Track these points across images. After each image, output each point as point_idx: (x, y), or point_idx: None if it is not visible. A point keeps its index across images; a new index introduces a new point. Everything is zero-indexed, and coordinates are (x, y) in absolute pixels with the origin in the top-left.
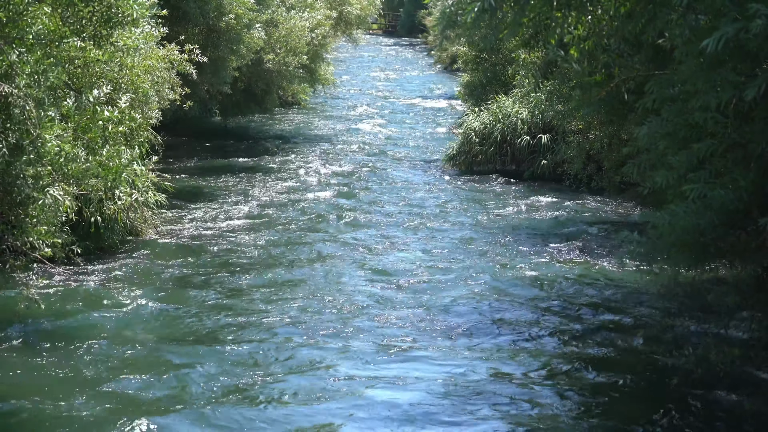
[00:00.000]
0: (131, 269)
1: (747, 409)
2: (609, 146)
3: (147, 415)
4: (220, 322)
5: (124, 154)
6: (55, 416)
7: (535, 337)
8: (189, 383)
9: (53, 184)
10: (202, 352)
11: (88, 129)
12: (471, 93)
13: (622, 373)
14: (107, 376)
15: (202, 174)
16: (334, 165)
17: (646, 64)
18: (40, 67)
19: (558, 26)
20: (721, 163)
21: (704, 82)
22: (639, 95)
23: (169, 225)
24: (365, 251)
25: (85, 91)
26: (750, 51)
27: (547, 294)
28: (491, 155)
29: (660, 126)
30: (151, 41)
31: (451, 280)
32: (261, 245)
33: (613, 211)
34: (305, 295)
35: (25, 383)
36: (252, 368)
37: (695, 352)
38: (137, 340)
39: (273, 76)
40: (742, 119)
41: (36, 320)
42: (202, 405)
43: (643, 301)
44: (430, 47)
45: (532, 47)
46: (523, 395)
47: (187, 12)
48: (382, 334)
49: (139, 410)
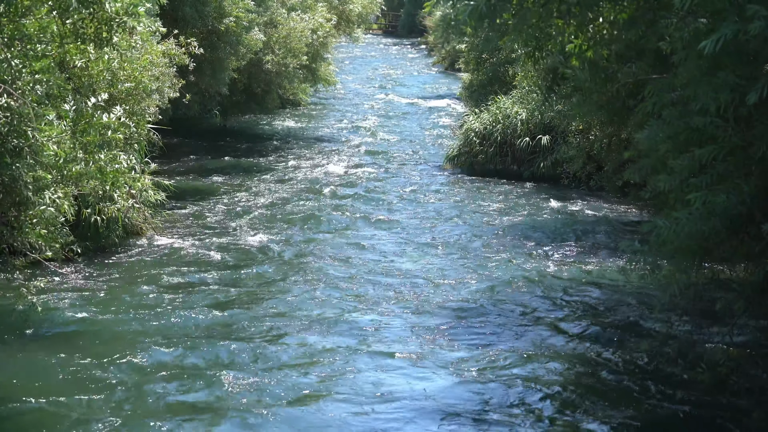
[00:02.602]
0: (131, 269)
1: (752, 413)
2: (609, 147)
3: (147, 415)
4: (220, 321)
5: (123, 159)
6: (54, 416)
7: (534, 338)
8: (189, 383)
9: (52, 186)
10: (202, 351)
11: (86, 132)
12: (471, 93)
13: (623, 375)
14: (107, 375)
15: (202, 174)
16: (334, 165)
17: (647, 68)
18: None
19: (559, 35)
20: (723, 167)
21: (704, 85)
22: (640, 99)
23: (169, 225)
24: (365, 251)
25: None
26: (749, 53)
27: (547, 295)
28: (492, 156)
29: (660, 129)
30: (149, 38)
31: (452, 280)
32: (261, 244)
33: (613, 211)
34: (305, 295)
35: (25, 383)
36: (252, 367)
37: (699, 355)
38: (137, 340)
39: (273, 76)
40: (742, 123)
41: (35, 320)
42: (202, 405)
43: (645, 304)
44: (430, 47)
45: (536, 60)
46: (523, 395)
47: (185, 15)
48: (383, 333)
49: (139, 410)
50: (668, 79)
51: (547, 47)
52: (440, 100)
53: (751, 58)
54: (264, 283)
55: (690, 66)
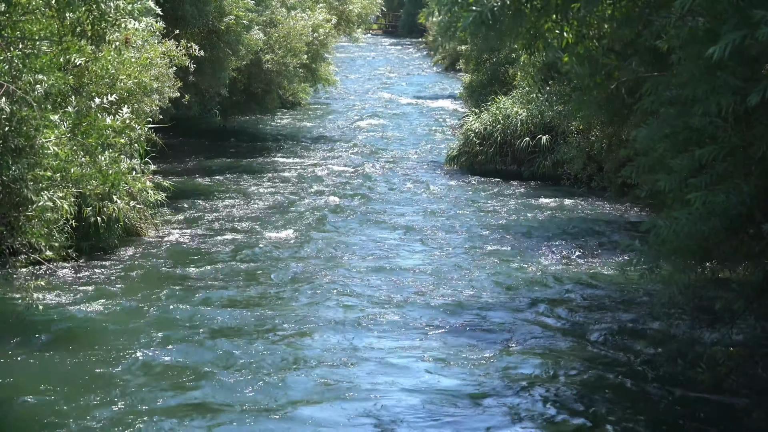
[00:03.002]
0: (131, 269)
1: (752, 413)
2: (609, 147)
3: (147, 415)
4: (220, 320)
5: (123, 162)
6: (54, 415)
7: (534, 338)
8: (189, 382)
9: (52, 187)
10: (202, 351)
11: (88, 134)
12: (471, 94)
13: (623, 375)
14: (106, 375)
15: (202, 174)
16: (335, 165)
17: (644, 66)
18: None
19: (550, 35)
20: (723, 166)
21: (703, 85)
22: (638, 97)
23: (169, 225)
24: (365, 250)
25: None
26: (750, 55)
27: (547, 295)
28: (492, 156)
29: (659, 128)
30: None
31: (452, 280)
32: (261, 244)
33: (613, 211)
34: (306, 294)
35: (25, 383)
36: (253, 367)
37: (699, 355)
38: (137, 340)
39: (273, 76)
40: (742, 123)
41: (35, 320)
42: (202, 404)
43: (645, 304)
44: (430, 47)
45: (532, 52)
46: (522, 395)
47: (185, 14)
48: (383, 332)
49: (140, 409)
50: (667, 78)
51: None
52: (440, 100)
53: (752, 59)
54: (264, 282)
55: (688, 65)
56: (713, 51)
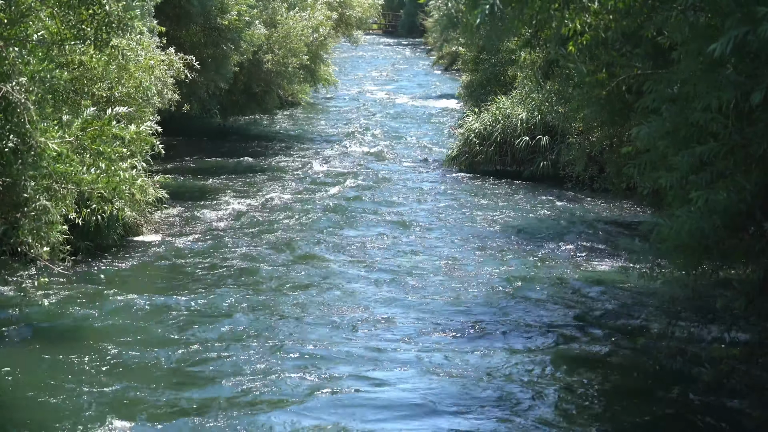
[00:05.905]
0: (131, 268)
1: (752, 413)
2: (611, 147)
3: (146, 415)
4: (219, 321)
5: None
6: (54, 415)
7: (535, 338)
8: (189, 382)
9: (52, 187)
10: (201, 351)
11: (94, 140)
12: (471, 94)
13: (623, 374)
14: (106, 375)
15: (202, 174)
16: (334, 165)
17: (646, 61)
18: (41, 68)
19: (556, 21)
20: (724, 164)
21: (704, 82)
22: (639, 95)
23: (169, 225)
24: (365, 250)
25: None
26: (752, 52)
27: (547, 295)
28: (491, 156)
29: (660, 125)
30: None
31: (452, 280)
32: (261, 244)
33: (613, 211)
34: (306, 294)
35: (25, 383)
36: (253, 367)
37: (699, 354)
38: (136, 340)
39: (272, 76)
40: (743, 120)
41: (35, 320)
42: (201, 405)
43: (645, 303)
44: (430, 48)
45: (533, 47)
46: (522, 394)
47: (189, 10)
48: (382, 332)
49: (139, 410)
50: (668, 74)
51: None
52: (440, 100)
53: (754, 56)
54: (264, 282)
55: (690, 62)
56: (715, 47)
